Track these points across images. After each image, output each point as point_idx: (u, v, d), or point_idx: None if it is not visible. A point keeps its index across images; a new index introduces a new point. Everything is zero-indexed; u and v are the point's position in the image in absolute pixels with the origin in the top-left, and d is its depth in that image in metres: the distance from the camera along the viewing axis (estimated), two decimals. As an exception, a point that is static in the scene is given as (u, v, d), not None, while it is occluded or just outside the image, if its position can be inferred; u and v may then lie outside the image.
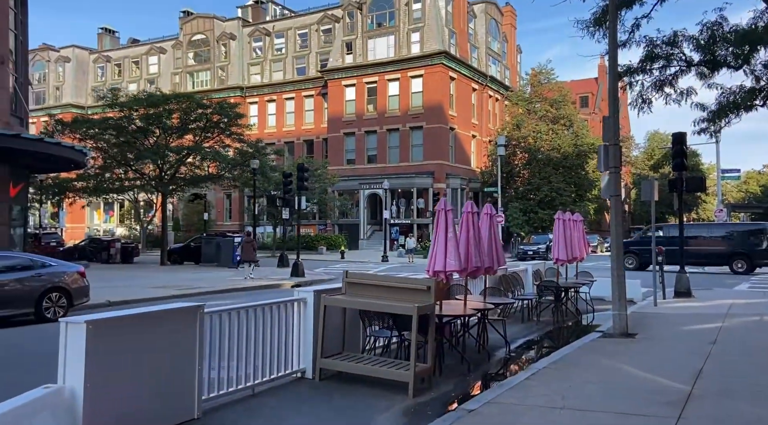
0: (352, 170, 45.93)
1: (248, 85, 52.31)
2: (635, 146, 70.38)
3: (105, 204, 54.77)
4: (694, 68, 12.30)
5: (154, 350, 4.54)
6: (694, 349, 8.24)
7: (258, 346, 5.89)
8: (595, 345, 8.78)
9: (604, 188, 9.97)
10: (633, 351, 8.34)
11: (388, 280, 6.71)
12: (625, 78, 11.99)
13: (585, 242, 12.92)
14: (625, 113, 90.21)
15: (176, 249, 28.41)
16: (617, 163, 9.71)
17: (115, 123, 24.41)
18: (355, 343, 7.05)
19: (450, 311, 7.48)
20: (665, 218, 63.65)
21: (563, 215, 11.67)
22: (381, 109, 45.78)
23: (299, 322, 6.47)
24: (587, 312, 12.81)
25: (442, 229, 7.31)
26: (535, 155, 45.31)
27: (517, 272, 12.78)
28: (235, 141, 27.61)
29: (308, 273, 21.97)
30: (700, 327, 10.18)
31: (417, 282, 6.60)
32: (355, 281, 6.76)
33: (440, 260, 7.22)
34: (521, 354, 8.91)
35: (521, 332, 10.50)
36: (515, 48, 59.14)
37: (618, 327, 9.51)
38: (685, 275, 14.94)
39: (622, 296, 9.57)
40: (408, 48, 44.85)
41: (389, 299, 6.43)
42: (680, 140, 14.83)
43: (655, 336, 9.41)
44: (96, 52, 60.39)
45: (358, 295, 6.64)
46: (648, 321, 11.03)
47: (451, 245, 7.19)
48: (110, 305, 12.76)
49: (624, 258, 10.30)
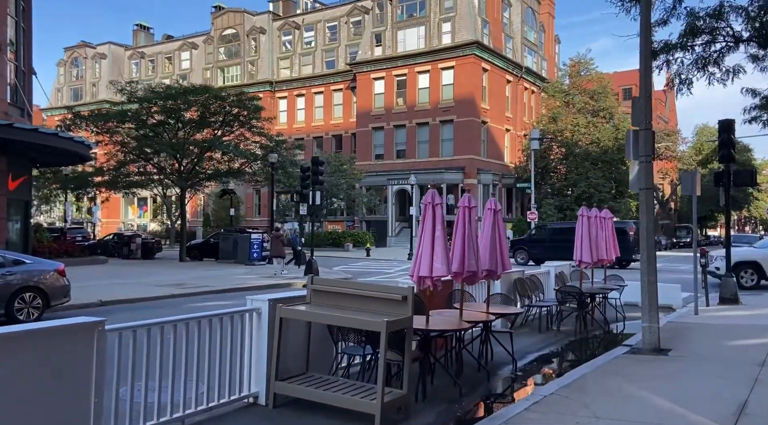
0: (381, 165, 44.92)
1: (277, 79, 51.91)
2: (682, 141, 66.88)
3: (139, 199, 55.47)
4: (743, 45, 10.73)
5: (29, 378, 3.61)
6: (738, 372, 6.87)
7: (193, 367, 4.92)
8: (619, 364, 7.50)
9: (633, 179, 8.62)
10: (663, 373, 7.03)
11: (359, 287, 5.63)
12: (661, 56, 10.53)
13: (614, 242, 11.51)
14: (672, 105, 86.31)
15: (196, 245, 28.01)
16: (649, 151, 8.35)
17: (133, 116, 24.02)
18: (324, 362, 6.01)
19: (439, 325, 6.35)
20: (714, 216, 60.27)
21: (588, 211, 10.32)
22: (410, 102, 44.57)
23: (253, 337, 5.47)
24: (618, 321, 11.45)
25: (429, 226, 6.19)
26: (573, 149, 43.27)
27: (537, 275, 11.49)
28: (255, 135, 26.94)
29: (325, 271, 21.08)
30: (745, 343, 8.72)
31: (392, 291, 5.50)
32: (321, 288, 5.72)
33: (426, 263, 6.11)
34: (530, 373, 7.70)
35: (536, 344, 9.26)
36: (553, 38, 56.86)
37: (648, 342, 8.18)
38: (732, 279, 13.32)
39: (653, 305, 8.23)
40: (439, 39, 43.46)
41: (358, 311, 5.37)
42: (727, 128, 13.20)
43: (692, 354, 8.04)
44: (131, 48, 61.17)
45: (324, 305, 5.60)
46: (686, 333, 9.62)
47: (439, 246, 6.07)
48: (102, 304, 12.12)
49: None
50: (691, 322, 10.62)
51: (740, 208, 69.61)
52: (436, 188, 43.01)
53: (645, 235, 8.38)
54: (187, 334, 4.97)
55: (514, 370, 7.47)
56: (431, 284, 6.21)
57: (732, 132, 13.31)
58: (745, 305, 12.88)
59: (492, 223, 7.59)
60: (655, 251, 8.39)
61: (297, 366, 5.66)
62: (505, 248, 7.66)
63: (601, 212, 11.48)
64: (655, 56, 10.64)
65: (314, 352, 5.83)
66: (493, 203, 7.67)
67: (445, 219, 7.24)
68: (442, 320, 6.62)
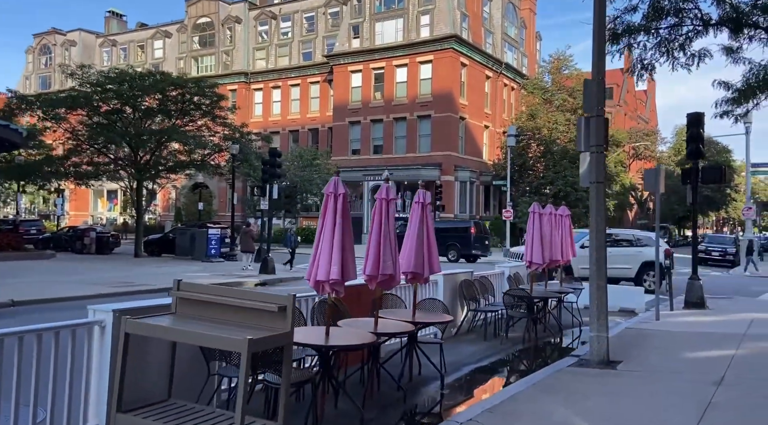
0: (357, 161, 43.89)
1: (253, 70, 50.56)
2: (662, 141, 66.69)
3: (109, 192, 53.86)
4: (712, 31, 9.90)
5: None
6: (690, 392, 6.03)
7: (30, 390, 3.95)
8: (561, 379, 6.63)
9: (584, 172, 7.76)
10: (606, 391, 6.17)
11: (230, 295, 4.65)
12: (623, 39, 9.67)
13: (572, 242, 10.67)
14: (653, 105, 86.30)
15: (154, 240, 26.75)
16: (601, 140, 7.50)
17: (83, 102, 22.62)
18: (196, 385, 5.03)
19: (342, 339, 5.40)
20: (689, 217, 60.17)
21: (539, 208, 9.44)
22: (388, 96, 43.55)
23: (94, 356, 4.49)
24: (574, 327, 10.64)
25: (330, 222, 5.24)
26: (551, 147, 42.63)
27: (488, 276, 10.61)
28: (218, 126, 25.72)
29: (283, 270, 20.09)
30: (704, 355, 7.91)
31: (269, 299, 4.53)
32: (188, 296, 4.72)
33: (324, 265, 5.16)
34: (458, 391, 6.79)
35: (478, 354, 8.37)
36: (534, 35, 56.18)
37: (596, 353, 7.33)
38: (698, 282, 12.57)
39: (601, 312, 7.37)
40: (417, 32, 42.48)
41: (227, 324, 4.39)
42: (696, 122, 12.44)
43: (643, 367, 7.20)
44: (102, 36, 59.34)
45: (191, 316, 4.62)
46: (642, 341, 8.80)
47: (337, 245, 5.12)
48: (13, 305, 11.02)
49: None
50: (650, 329, 9.81)
51: (718, 209, 69.73)
52: (413, 185, 42.02)
53: (595, 234, 7.52)
54: (20, 350, 4.02)
55: (441, 387, 6.56)
56: (331, 291, 5.26)
57: (701, 126, 12.55)
58: (711, 310, 12.13)
59: (419, 219, 6.66)
60: (605, 252, 7.54)
61: (157, 392, 4.68)
62: (434, 248, 6.74)
63: (558, 210, 10.65)
64: (616, 40, 9.80)
65: (181, 374, 4.85)
66: (421, 196, 6.73)
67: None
68: (350, 332, 5.67)
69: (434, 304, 7.43)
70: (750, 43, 10.89)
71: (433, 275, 9.29)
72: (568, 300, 11.12)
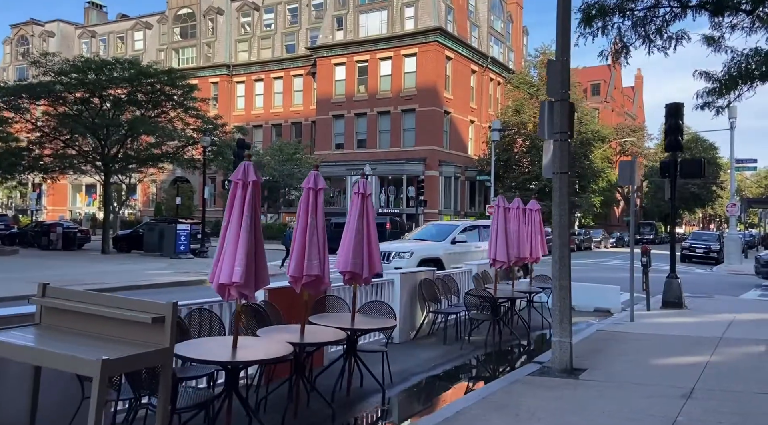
0: (341, 155, 43.07)
1: (235, 62, 49.55)
2: (648, 137, 66.40)
3: (87, 186, 52.67)
4: (691, 12, 9.25)
5: None
6: (655, 408, 5.37)
7: None
8: (516, 391, 5.95)
9: (546, 163, 7.08)
10: (563, 406, 5.50)
11: (101, 303, 3.90)
12: (597, 21, 8.98)
13: (542, 238, 10.01)
14: (641, 102, 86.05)
15: (123, 236, 25.83)
16: (565, 127, 6.81)
17: (45, 91, 21.63)
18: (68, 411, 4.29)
19: (255, 353, 4.68)
20: (679, 213, 59.97)
21: (504, 201, 8.75)
22: (372, 90, 42.76)
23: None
24: (543, 328, 9.99)
25: (236, 215, 4.51)
26: (536, 142, 42.04)
27: (452, 275, 9.93)
28: (190, 117, 24.82)
29: (272, 269, 19.24)
30: (676, 362, 7.27)
31: (144, 308, 3.78)
32: (56, 304, 3.97)
33: (227, 266, 4.43)
34: (400, 406, 6.09)
35: (434, 360, 7.68)
36: (521, 29, 55.52)
37: (558, 361, 6.67)
38: (677, 280, 11.96)
39: (564, 315, 6.71)
40: (402, 24, 41.69)
41: (98, 338, 3.66)
42: (675, 113, 11.85)
43: (608, 376, 6.54)
44: (81, 27, 57.98)
45: (58, 328, 3.88)
46: (612, 345, 8.16)
47: (243, 243, 4.40)
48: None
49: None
50: (622, 331, 9.17)
51: (704, 205, 69.68)
52: (397, 180, 41.31)
53: (558, 230, 6.85)
54: None
55: (383, 402, 5.85)
56: (238, 295, 4.53)
57: (680, 117, 11.96)
58: (689, 310, 11.54)
59: (359, 212, 5.95)
60: (569, 249, 6.87)
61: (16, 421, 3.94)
62: (375, 245, 6.03)
63: (528, 204, 9.97)
64: (590, 22, 9.12)
65: (52, 397, 4.11)
66: (361, 186, 6.01)
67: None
68: (265, 343, 4.94)
69: (380, 307, 6.72)
70: (732, 33, 10.28)
71: (390, 274, 8.64)
72: (540, 300, 10.48)
